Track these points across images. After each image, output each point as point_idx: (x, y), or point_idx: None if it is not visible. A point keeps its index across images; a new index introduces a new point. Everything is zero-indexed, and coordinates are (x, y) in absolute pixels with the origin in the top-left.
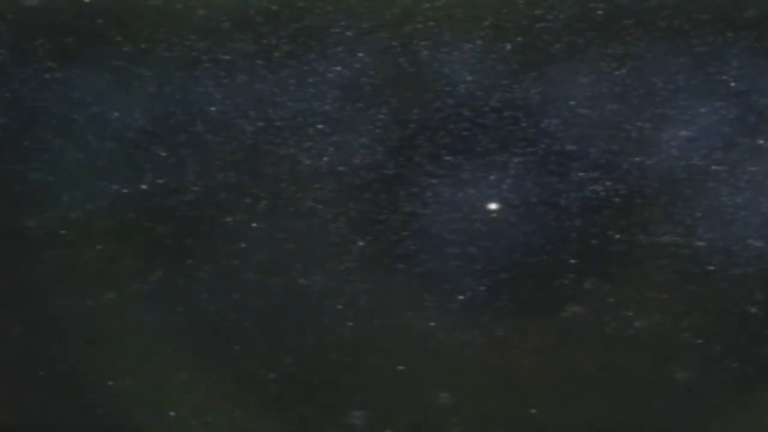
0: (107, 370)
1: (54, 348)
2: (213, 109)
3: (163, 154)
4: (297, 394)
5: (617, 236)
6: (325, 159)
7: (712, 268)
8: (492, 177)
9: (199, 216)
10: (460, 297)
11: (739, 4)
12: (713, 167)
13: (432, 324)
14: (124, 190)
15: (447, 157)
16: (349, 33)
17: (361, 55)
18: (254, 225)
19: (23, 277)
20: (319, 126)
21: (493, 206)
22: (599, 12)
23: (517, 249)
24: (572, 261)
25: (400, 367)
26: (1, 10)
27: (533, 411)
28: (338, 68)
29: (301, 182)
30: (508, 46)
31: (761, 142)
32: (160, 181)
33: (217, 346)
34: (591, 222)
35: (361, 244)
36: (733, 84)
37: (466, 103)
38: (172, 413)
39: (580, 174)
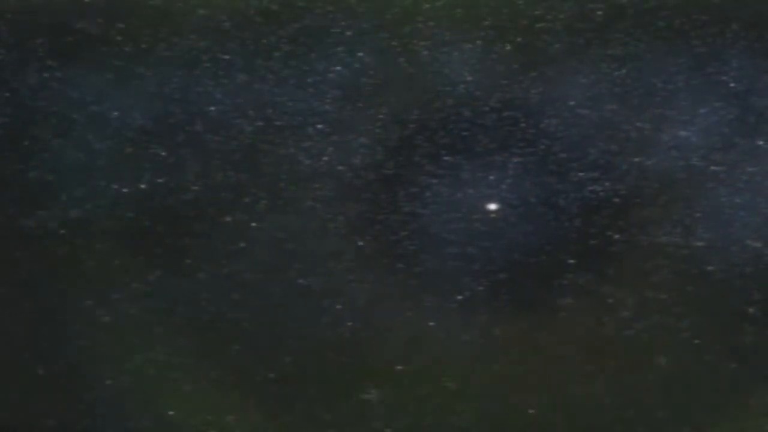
0: (105, 369)
1: (52, 347)
2: (213, 108)
3: (163, 153)
4: (296, 393)
5: (616, 236)
6: (325, 159)
7: (710, 268)
8: (491, 177)
9: (199, 215)
10: (459, 297)
11: (739, 5)
12: (712, 168)
13: (431, 324)
14: (124, 190)
15: (446, 157)
16: (349, 33)
17: (361, 55)
18: (254, 225)
19: (22, 277)
20: (319, 126)
21: (492, 206)
22: (599, 13)
23: (517, 249)
24: (571, 261)
25: (399, 367)
26: (0, 9)
27: (532, 411)
28: (338, 68)
29: (301, 182)
30: (508, 47)
31: (760, 142)
32: (159, 181)
33: (216, 345)
34: (590, 222)
35: (360, 243)
36: (732, 85)
37: (465, 103)
38: (171, 412)
39: (580, 174)
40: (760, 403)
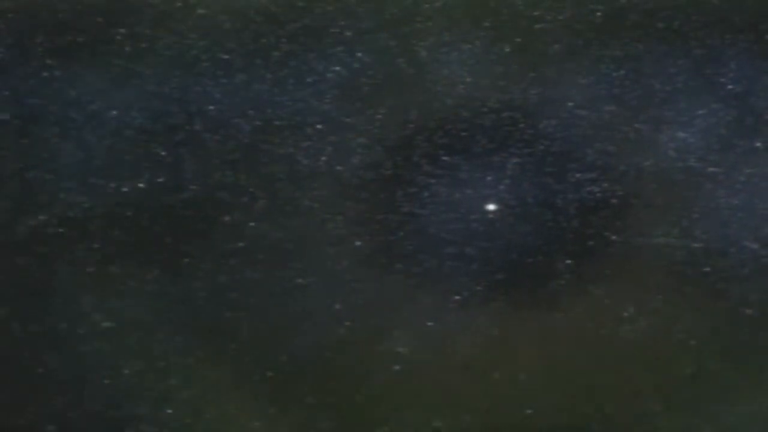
0: (103, 369)
1: (50, 347)
2: (212, 108)
3: (162, 153)
4: (294, 393)
5: (614, 237)
6: (324, 159)
7: (708, 269)
8: (490, 177)
9: (198, 215)
10: (457, 297)
11: (739, 6)
12: (710, 169)
13: (429, 324)
14: (123, 189)
15: (445, 158)
16: (348, 33)
17: (360, 55)
18: (252, 224)
19: (20, 276)
20: (318, 126)
21: (490, 207)
22: (598, 13)
23: (515, 250)
24: (569, 262)
25: (396, 367)
26: (0, 9)
27: (529, 411)
28: (337, 68)
29: (299, 182)
30: (507, 47)
31: (759, 144)
32: (158, 180)
33: (214, 345)
34: (588, 223)
35: (358, 243)
36: (731, 86)
37: (464, 103)
38: (169, 411)
39: (578, 175)
40: (757, 404)
